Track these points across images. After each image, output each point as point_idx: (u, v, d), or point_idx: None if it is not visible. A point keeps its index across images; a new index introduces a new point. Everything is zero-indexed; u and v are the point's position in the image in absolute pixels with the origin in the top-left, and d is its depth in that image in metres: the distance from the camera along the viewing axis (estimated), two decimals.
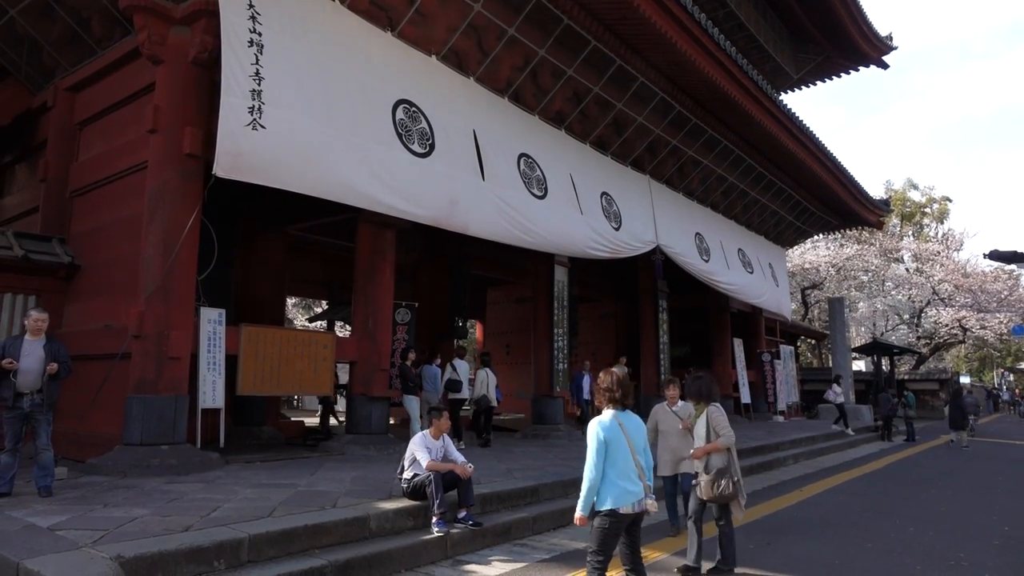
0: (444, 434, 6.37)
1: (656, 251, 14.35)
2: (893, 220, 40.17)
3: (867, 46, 21.85)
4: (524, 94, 11.36)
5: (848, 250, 36.30)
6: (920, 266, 37.81)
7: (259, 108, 7.04)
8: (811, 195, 19.73)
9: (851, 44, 21.63)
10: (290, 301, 29.30)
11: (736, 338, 20.21)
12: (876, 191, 28.98)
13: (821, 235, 28.13)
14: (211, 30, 7.52)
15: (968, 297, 35.25)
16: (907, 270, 38.83)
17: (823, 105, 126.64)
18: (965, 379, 44.33)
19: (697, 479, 5.43)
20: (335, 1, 8.51)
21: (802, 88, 24.62)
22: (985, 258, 19.65)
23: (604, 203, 12.75)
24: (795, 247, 28.92)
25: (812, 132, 15.95)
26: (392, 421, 11.26)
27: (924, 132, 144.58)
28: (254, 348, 8.51)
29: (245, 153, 6.97)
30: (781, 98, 14.90)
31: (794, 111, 15.02)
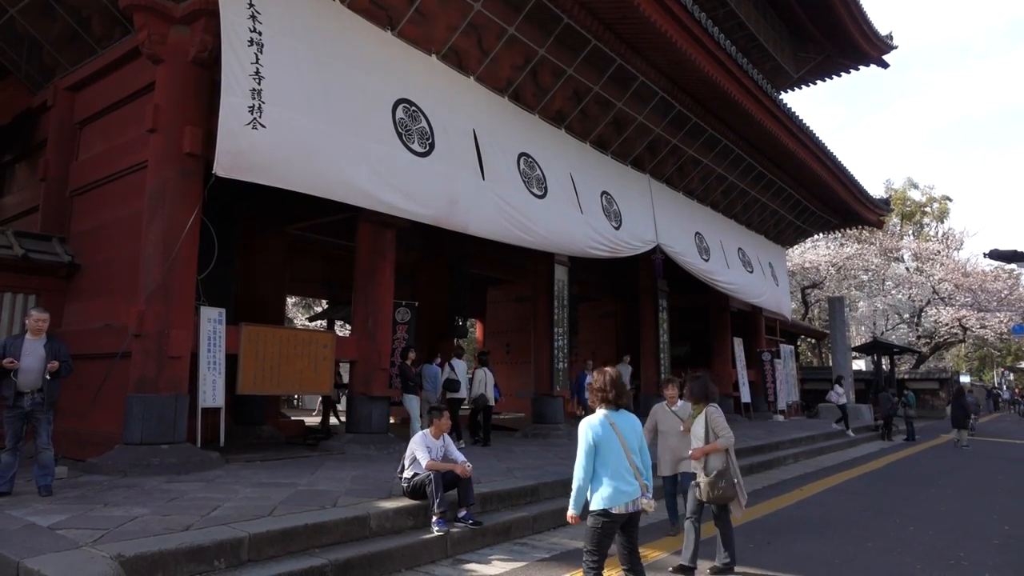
0: (444, 434, 6.37)
1: (656, 250, 14.35)
2: (893, 219, 40.17)
3: (867, 45, 21.84)
4: (524, 93, 11.36)
5: (848, 249, 36.32)
6: (920, 265, 37.82)
7: (259, 107, 7.04)
8: (811, 194, 19.73)
9: (851, 43, 21.62)
10: (290, 300, 29.30)
11: (736, 337, 20.21)
12: (876, 190, 28.87)
13: (821, 234, 28.13)
14: (211, 29, 7.52)
15: (968, 296, 35.27)
16: (907, 269, 38.85)
17: (823, 104, 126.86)
18: (965, 378, 44.41)
19: (697, 480, 5.42)
20: (335, 0, 8.52)
21: (802, 87, 24.63)
22: (985, 257, 19.72)
23: (604, 202, 12.75)
24: (795, 246, 28.93)
25: (812, 131, 15.95)
26: (392, 420, 11.27)
27: (924, 131, 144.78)
28: (254, 347, 8.52)
29: (245, 152, 6.97)
30: (781, 97, 14.90)
31: (794, 110, 15.02)
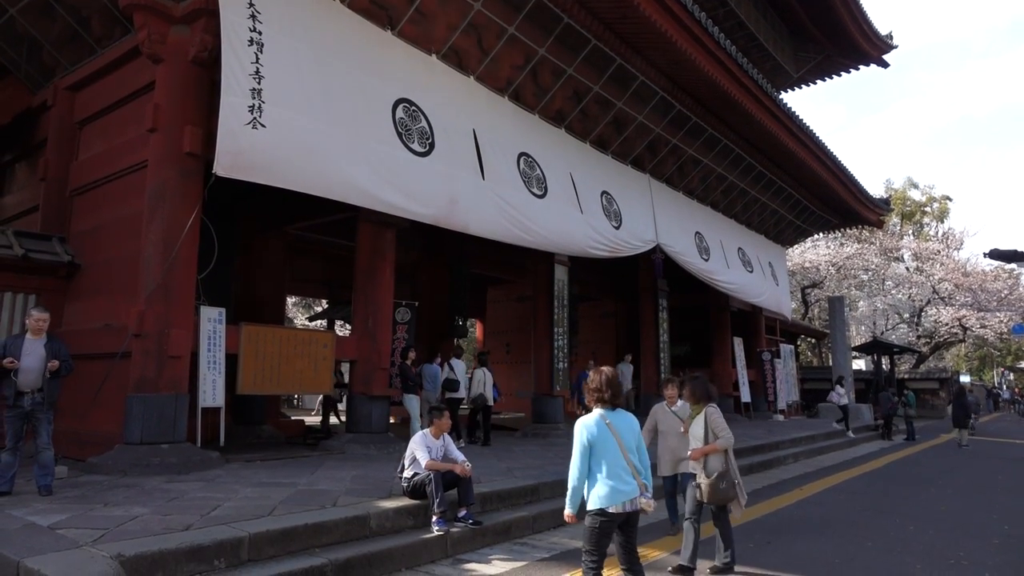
0: (444, 433, 6.37)
1: (656, 250, 14.35)
2: (893, 219, 40.17)
3: (867, 45, 21.84)
4: (524, 93, 11.35)
5: (848, 249, 36.32)
6: (920, 265, 37.82)
7: (259, 107, 7.04)
8: (811, 194, 19.73)
9: (851, 43, 21.62)
10: (290, 300, 29.30)
11: (736, 337, 20.21)
12: (876, 190, 28.93)
13: (821, 234, 28.14)
14: (211, 29, 7.52)
15: (968, 296, 35.27)
16: (907, 269, 38.85)
17: (823, 104, 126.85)
18: (965, 378, 44.40)
19: (697, 481, 5.37)
20: (335, 0, 8.51)
21: (802, 87, 24.63)
22: (985, 257, 19.73)
23: (604, 202, 12.75)
24: (795, 246, 28.93)
25: (812, 131, 15.95)
26: (392, 420, 11.27)
27: (924, 131, 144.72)
28: (254, 347, 8.52)
29: (245, 152, 6.97)
30: (781, 97, 14.90)
31: (794, 110, 15.02)
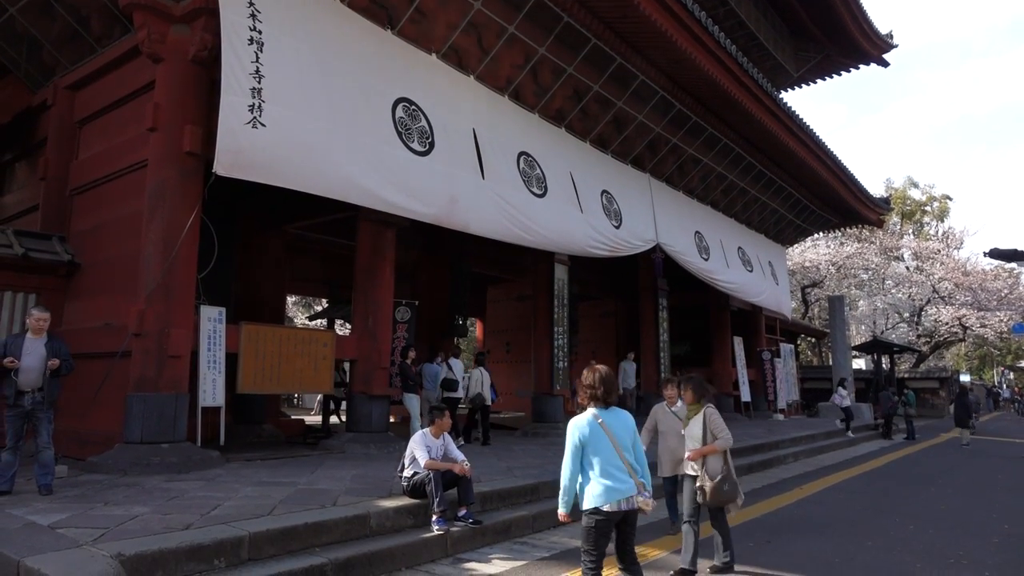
0: (445, 433, 6.37)
1: (656, 249, 14.35)
2: (893, 218, 40.17)
3: (867, 44, 21.83)
4: (524, 92, 11.35)
5: (848, 248, 36.31)
6: (920, 264, 37.81)
7: (259, 106, 7.04)
8: (811, 193, 19.72)
9: (851, 42, 21.61)
10: (290, 299, 29.29)
11: (736, 336, 20.21)
12: (876, 189, 28.97)
13: (821, 233, 28.11)
14: (211, 28, 7.52)
15: (968, 295, 35.27)
16: (907, 268, 38.85)
17: (824, 103, 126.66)
18: (965, 377, 44.38)
19: (700, 484, 5.26)
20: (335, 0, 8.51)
21: (802, 86, 24.63)
22: (985, 256, 19.71)
23: (604, 201, 12.75)
24: (795, 245, 28.93)
25: (812, 130, 15.94)
26: (392, 419, 11.27)
27: (924, 130, 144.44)
28: (254, 346, 8.53)
29: (245, 151, 6.97)
30: (781, 96, 14.90)
31: (794, 109, 15.02)
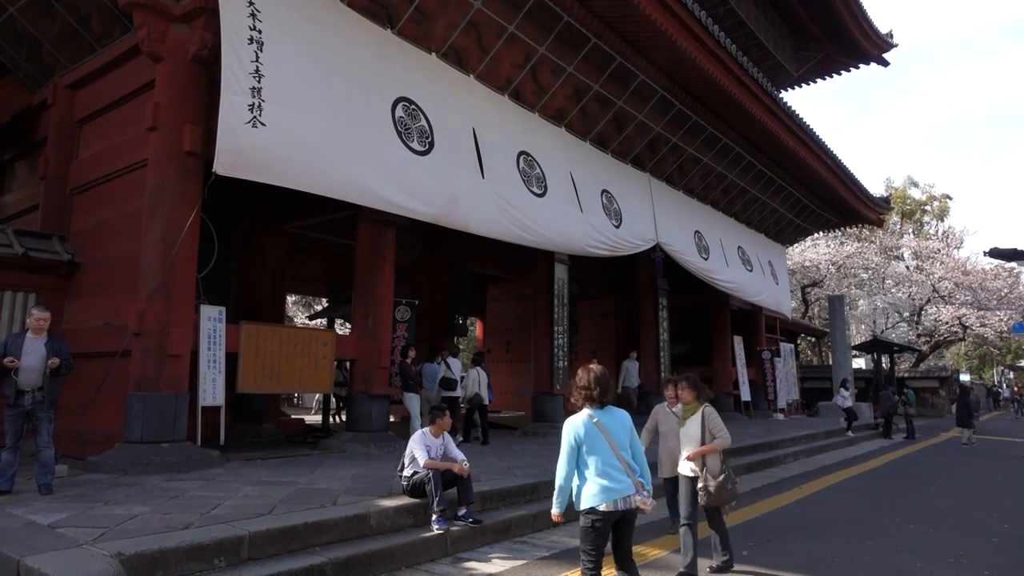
0: (445, 432, 6.37)
1: (656, 248, 14.35)
2: (893, 218, 40.17)
3: (867, 44, 21.82)
4: (524, 92, 11.35)
5: (848, 248, 36.32)
6: (920, 264, 37.82)
7: (259, 105, 7.03)
8: (811, 193, 19.72)
9: (851, 42, 21.61)
10: (290, 299, 29.30)
11: (736, 336, 20.20)
12: (876, 189, 28.97)
13: (821, 233, 28.12)
14: (211, 27, 7.52)
15: (968, 295, 35.28)
16: (907, 268, 38.86)
17: (824, 103, 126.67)
18: (965, 376, 44.40)
19: (705, 484, 5.17)
20: None
21: (802, 86, 24.61)
22: (985, 256, 19.68)
23: (604, 200, 12.75)
24: (795, 244, 28.92)
25: (812, 130, 15.94)
26: (393, 419, 11.27)
27: (925, 129, 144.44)
28: (254, 346, 8.53)
29: (245, 150, 6.96)
30: (781, 96, 14.89)
31: (794, 108, 15.01)
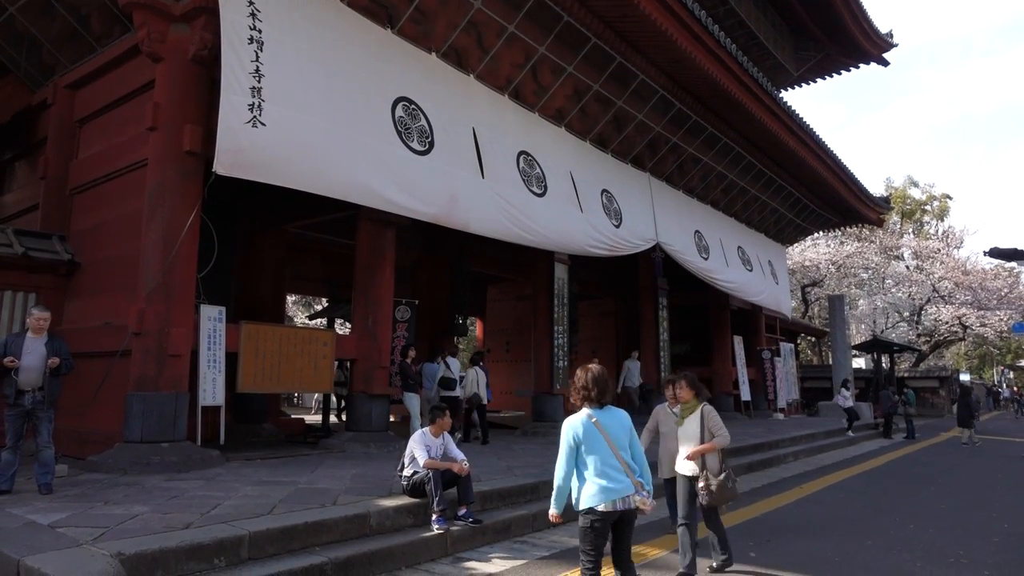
0: (444, 432, 6.36)
1: (656, 248, 14.35)
2: (893, 217, 40.16)
3: (867, 43, 21.82)
4: (524, 91, 11.35)
5: (848, 247, 36.32)
6: (920, 263, 37.82)
7: (259, 105, 7.03)
8: (811, 192, 19.72)
9: (851, 41, 21.61)
10: (290, 298, 29.30)
11: (736, 335, 20.20)
12: (876, 188, 28.99)
13: (821, 232, 28.13)
14: (211, 27, 7.51)
15: (968, 294, 35.29)
16: (907, 267, 38.86)
17: (824, 102, 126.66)
18: (965, 376, 44.41)
19: (708, 482, 5.14)
20: None
21: (802, 85, 24.62)
22: (985, 256, 19.68)
23: (604, 200, 12.75)
24: (795, 244, 28.92)
25: (812, 129, 15.94)
26: (393, 418, 11.27)
27: (925, 129, 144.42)
28: (254, 345, 8.53)
29: (245, 150, 6.96)
30: (781, 95, 14.89)
31: (794, 108, 15.01)
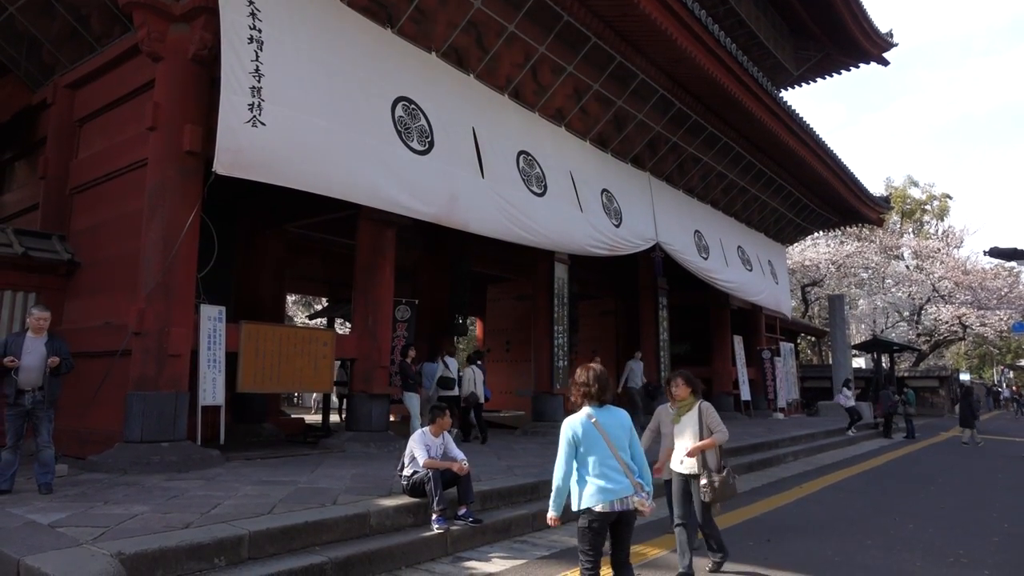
0: (444, 432, 6.36)
1: (656, 248, 14.35)
2: (893, 217, 40.15)
3: (867, 43, 21.82)
4: (524, 91, 11.34)
5: (848, 247, 36.33)
6: (920, 263, 37.83)
7: (259, 105, 7.04)
8: (811, 192, 19.72)
9: (851, 41, 21.60)
10: (290, 298, 29.30)
11: (736, 335, 20.20)
12: (876, 188, 28.92)
13: (821, 232, 28.14)
14: (210, 27, 7.51)
15: (968, 294, 35.29)
16: (907, 267, 38.86)
17: (824, 102, 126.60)
18: (965, 376, 44.42)
19: (712, 479, 5.10)
20: None
21: (802, 85, 24.62)
22: (985, 255, 19.69)
23: (604, 200, 12.75)
24: (795, 244, 28.92)
25: (812, 129, 15.94)
26: (393, 418, 11.27)
27: (925, 129, 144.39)
28: (254, 345, 8.53)
29: (245, 150, 6.96)
30: (781, 95, 14.89)
31: (794, 108, 15.01)
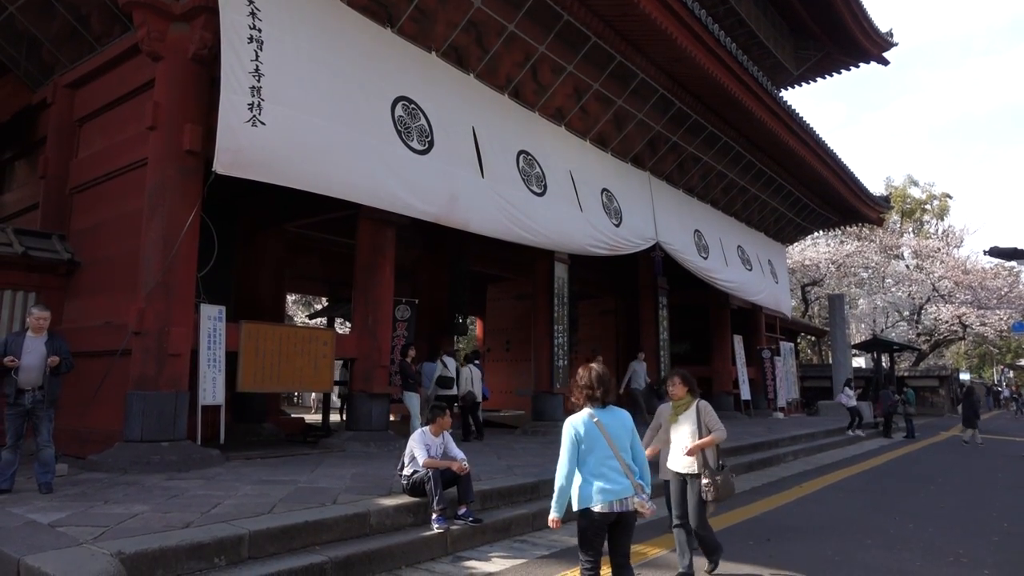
0: (445, 431, 6.36)
1: (656, 248, 14.35)
2: (893, 217, 40.14)
3: (867, 43, 21.82)
4: (524, 90, 11.34)
5: (848, 247, 36.33)
6: (920, 263, 37.84)
7: (259, 104, 7.04)
8: (811, 192, 19.72)
9: (851, 40, 21.61)
10: (290, 298, 29.30)
11: (736, 335, 20.20)
12: (876, 188, 28.91)
13: (821, 232, 28.13)
14: (210, 26, 7.51)
15: (968, 294, 35.29)
16: (907, 267, 38.87)
17: (824, 102, 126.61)
18: (965, 376, 44.47)
19: (714, 478, 5.06)
20: None
21: (802, 85, 24.62)
22: (985, 255, 19.70)
23: (604, 199, 12.75)
24: (795, 244, 28.92)
25: (812, 129, 15.94)
26: (393, 418, 11.27)
27: (924, 129, 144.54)
28: (254, 345, 8.53)
29: (245, 149, 6.97)
30: (781, 94, 14.89)
31: (794, 107, 15.01)
